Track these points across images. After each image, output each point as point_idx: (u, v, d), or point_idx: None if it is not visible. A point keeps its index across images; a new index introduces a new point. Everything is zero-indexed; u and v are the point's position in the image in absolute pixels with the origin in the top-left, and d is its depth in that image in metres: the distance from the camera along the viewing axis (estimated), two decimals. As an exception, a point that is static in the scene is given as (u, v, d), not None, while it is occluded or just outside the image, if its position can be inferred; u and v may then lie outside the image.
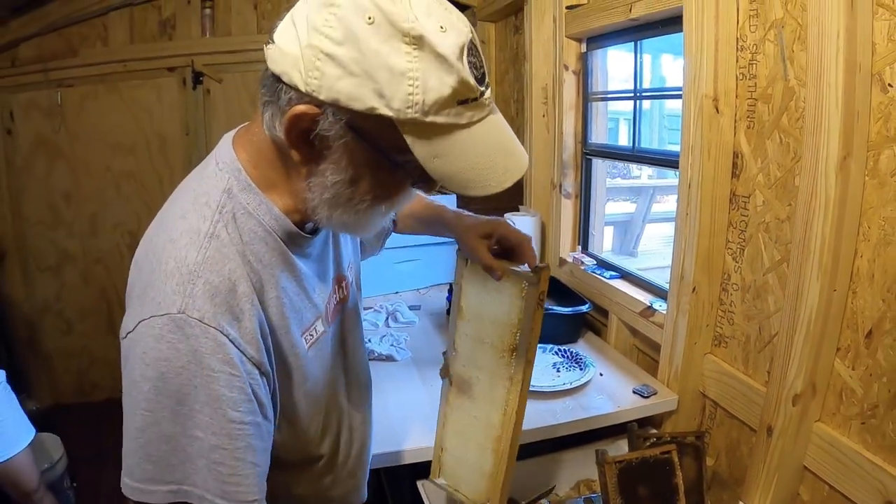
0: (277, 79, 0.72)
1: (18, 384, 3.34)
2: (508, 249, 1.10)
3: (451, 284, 2.48)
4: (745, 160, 1.48)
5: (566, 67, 2.23)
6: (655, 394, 1.64)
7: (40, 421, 2.87)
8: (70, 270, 3.56)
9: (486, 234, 1.10)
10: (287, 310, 0.86)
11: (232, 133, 0.87)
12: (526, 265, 1.07)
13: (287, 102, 0.72)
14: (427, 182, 0.80)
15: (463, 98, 0.70)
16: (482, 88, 0.72)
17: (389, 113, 0.68)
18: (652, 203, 4.31)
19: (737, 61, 1.49)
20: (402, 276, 2.59)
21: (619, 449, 1.58)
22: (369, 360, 1.85)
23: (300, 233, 0.86)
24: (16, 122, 3.43)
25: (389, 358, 1.90)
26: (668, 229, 4.66)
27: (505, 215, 2.34)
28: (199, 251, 0.75)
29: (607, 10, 1.90)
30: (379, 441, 1.44)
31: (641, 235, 4.07)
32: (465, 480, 1.21)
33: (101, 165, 3.46)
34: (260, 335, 0.79)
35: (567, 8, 2.15)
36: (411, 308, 2.33)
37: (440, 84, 0.68)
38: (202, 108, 3.52)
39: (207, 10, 3.44)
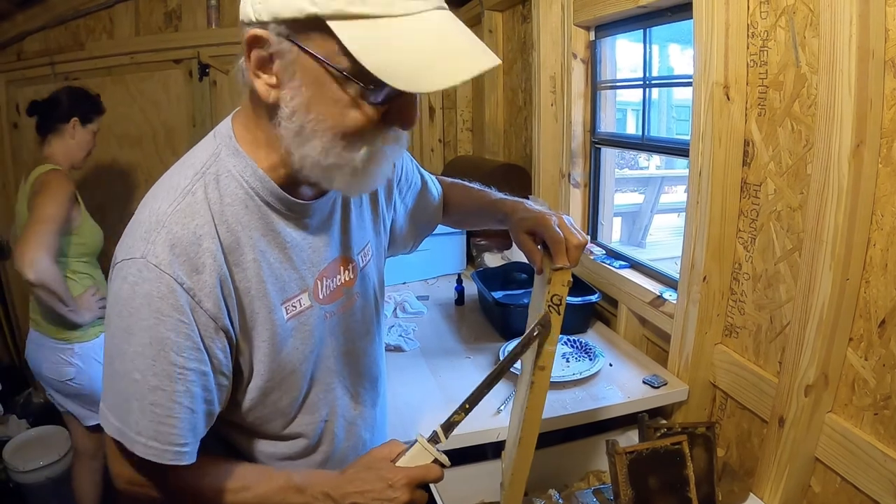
0: (243, 26, 0.77)
1: (26, 378, 3.37)
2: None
3: (459, 275, 2.49)
4: (757, 148, 1.47)
5: (574, 56, 2.21)
6: (666, 384, 1.63)
7: (48, 414, 2.89)
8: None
9: (531, 230, 1.11)
10: (265, 274, 0.88)
11: (237, 109, 0.91)
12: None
13: (245, 36, 0.76)
14: (397, 110, 0.79)
15: None
16: None
17: (315, 9, 0.69)
18: (660, 193, 4.31)
19: (747, 48, 1.47)
20: (410, 266, 2.58)
21: (630, 439, 1.57)
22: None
23: (289, 197, 0.88)
24: (22, 115, 3.41)
25: (398, 349, 1.90)
26: (677, 220, 4.70)
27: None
28: (171, 204, 0.80)
29: (616, -3, 1.88)
30: (387, 433, 1.44)
31: (650, 226, 4.08)
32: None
33: (108, 157, 3.46)
34: (221, 292, 0.82)
35: (575, -5, 2.13)
36: (419, 298, 2.34)
37: None
38: (209, 100, 3.52)
39: (213, 1, 3.44)
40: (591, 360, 1.75)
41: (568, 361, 1.77)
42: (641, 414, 1.33)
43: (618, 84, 2.18)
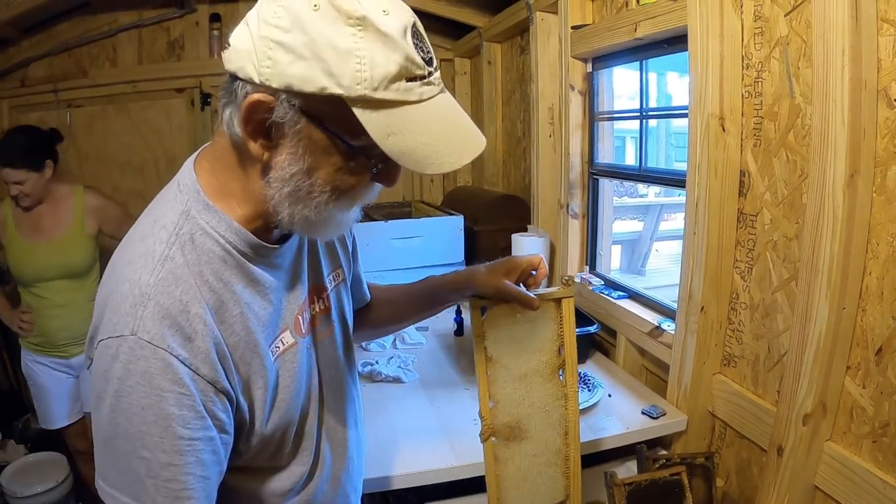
0: (234, 77, 0.76)
1: (24, 403, 3.35)
2: (523, 278, 1.13)
3: (458, 305, 2.48)
4: (752, 178, 1.48)
5: (572, 87, 2.24)
6: (664, 414, 1.62)
7: (46, 440, 2.87)
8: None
9: (507, 270, 1.12)
10: (252, 324, 0.86)
11: (195, 154, 0.90)
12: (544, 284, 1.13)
13: (244, 96, 0.75)
14: (386, 173, 0.82)
15: (411, 76, 0.73)
16: (430, 69, 0.75)
17: (339, 91, 0.70)
18: (660, 221, 4.29)
19: (742, 79, 1.49)
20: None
21: (629, 470, 1.56)
22: (376, 381, 1.88)
23: (264, 244, 0.87)
24: (25, 141, 3.46)
25: (397, 380, 1.89)
26: (676, 247, 4.66)
27: (513, 236, 2.35)
28: (153, 274, 0.77)
29: (612, 29, 1.91)
30: (385, 464, 1.44)
31: (649, 254, 4.06)
32: None
33: (109, 185, 3.46)
34: (216, 355, 0.80)
35: (572, 28, 2.16)
36: (418, 329, 2.32)
37: (387, 61, 0.71)
38: (210, 129, 3.54)
39: (216, 32, 3.49)
40: (590, 390, 1.74)
41: (566, 391, 1.76)
42: (640, 445, 1.33)
43: (615, 115, 2.20)
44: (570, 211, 2.31)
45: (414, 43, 0.73)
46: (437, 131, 0.76)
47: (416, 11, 0.77)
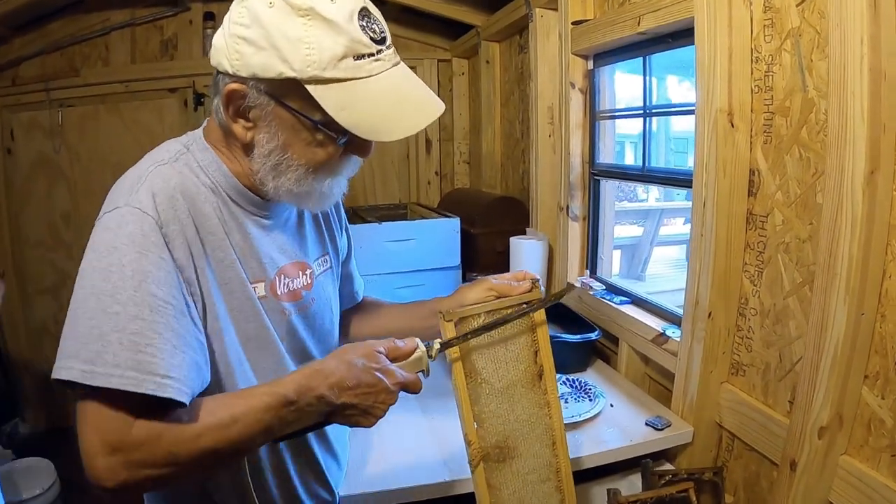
0: (217, 72, 0.89)
1: (13, 407, 3.28)
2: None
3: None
4: (763, 177, 1.41)
5: (573, 85, 2.17)
6: (669, 426, 1.54)
7: (33, 445, 2.81)
8: (69, 292, 3.46)
9: (486, 288, 1.15)
10: (233, 251, 0.95)
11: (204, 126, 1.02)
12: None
13: (223, 87, 0.88)
14: (357, 145, 0.93)
15: (358, 54, 0.84)
16: (380, 47, 0.86)
17: (293, 74, 0.82)
18: (660, 226, 4.30)
19: (752, 73, 1.42)
20: (403, 301, 2.48)
21: (632, 484, 1.48)
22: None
23: (250, 192, 0.97)
24: (16, 141, 3.41)
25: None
26: (676, 252, 4.68)
27: (511, 239, 2.27)
28: (154, 165, 0.90)
29: (614, 24, 1.84)
30: (373, 479, 1.37)
31: (649, 259, 4.05)
32: None
33: (101, 186, 3.34)
34: (188, 247, 0.88)
35: (573, 24, 2.09)
36: (412, 334, 2.24)
37: (333, 44, 0.82)
38: (204, 131, 3.48)
39: (209, 31, 3.42)
40: (590, 400, 1.66)
41: (566, 402, 1.67)
42: (646, 460, 1.25)
43: (617, 114, 2.13)
44: (570, 213, 2.24)
45: (361, 25, 0.84)
46: (388, 102, 0.87)
47: (413, 10, 0.86)
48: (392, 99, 0.87)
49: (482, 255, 2.56)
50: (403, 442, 1.52)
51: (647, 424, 1.55)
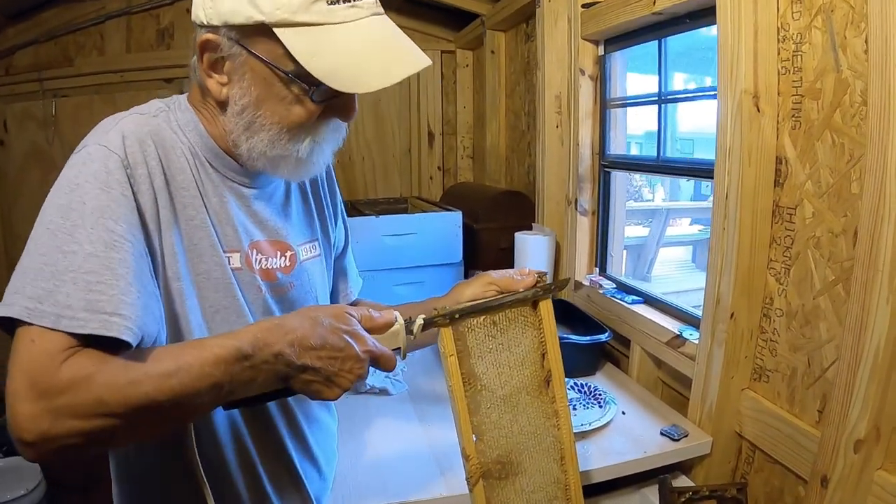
0: (196, 27, 0.86)
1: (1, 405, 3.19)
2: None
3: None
4: (791, 166, 1.29)
5: (582, 72, 2.05)
6: (686, 435, 1.42)
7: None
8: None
9: (486, 283, 1.05)
10: (207, 213, 0.89)
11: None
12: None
13: (198, 38, 0.85)
14: (338, 105, 0.88)
15: None
16: None
17: (262, 17, 0.79)
18: (666, 226, 4.25)
19: (778, 54, 1.31)
20: (401, 299, 2.37)
21: (645, 499, 1.37)
22: (360, 392, 1.68)
23: (227, 156, 0.92)
24: (9, 132, 3.33)
25: (384, 391, 1.69)
26: (682, 253, 4.63)
27: (516, 234, 2.16)
28: (132, 113, 0.87)
29: (628, 4, 1.72)
30: (365, 491, 1.26)
31: (655, 259, 4.00)
32: None
33: (95, 179, 3.30)
34: (154, 196, 0.83)
35: (583, 6, 1.98)
36: (411, 334, 2.11)
37: None
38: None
39: (206, 19, 3.31)
40: (601, 407, 1.54)
41: (574, 409, 1.54)
42: (663, 476, 1.13)
43: (629, 101, 2.01)
44: (578, 207, 2.11)
45: None
46: (362, 51, 0.82)
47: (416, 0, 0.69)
48: (369, 48, 0.82)
49: (485, 251, 2.44)
50: (397, 452, 1.40)
51: (662, 434, 1.43)
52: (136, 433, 0.74)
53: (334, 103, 0.87)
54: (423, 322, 0.90)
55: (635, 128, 2.09)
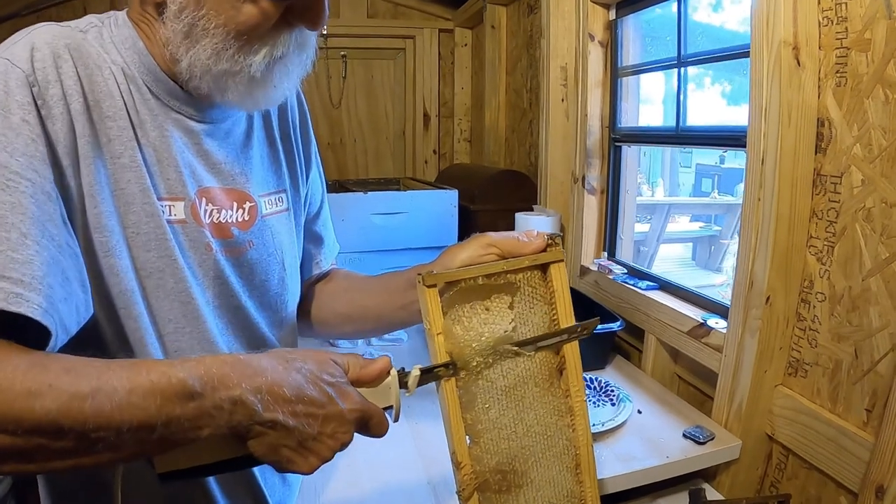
0: None
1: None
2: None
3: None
4: (835, 128, 1.12)
5: (591, 38, 1.87)
6: (713, 438, 1.24)
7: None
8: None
9: (484, 244, 0.84)
10: (140, 150, 0.73)
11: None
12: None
13: None
14: (301, 5, 0.72)
15: None
16: None
17: None
18: (667, 222, 4.20)
19: (819, 3, 1.14)
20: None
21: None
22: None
23: (170, 80, 0.76)
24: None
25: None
26: (681, 250, 4.59)
27: (516, 215, 1.99)
28: (50, 25, 0.70)
29: (644, -43, 1.55)
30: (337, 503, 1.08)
31: (656, 256, 3.97)
32: None
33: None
34: (71, 122, 0.67)
35: (593, -35, 1.81)
36: (399, 324, 1.93)
37: None
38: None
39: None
40: (613, 405, 1.36)
41: (583, 406, 1.38)
42: (696, 489, 0.96)
43: (644, 68, 1.83)
44: (586, 185, 1.93)
45: None
46: None
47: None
48: None
49: (482, 233, 2.26)
50: (377, 455, 1.21)
51: (685, 436, 1.25)
52: (31, 461, 0.53)
53: (296, 4, 0.71)
54: (419, 374, 0.72)
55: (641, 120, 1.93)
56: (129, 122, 0.73)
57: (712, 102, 3.57)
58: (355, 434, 0.68)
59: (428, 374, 0.72)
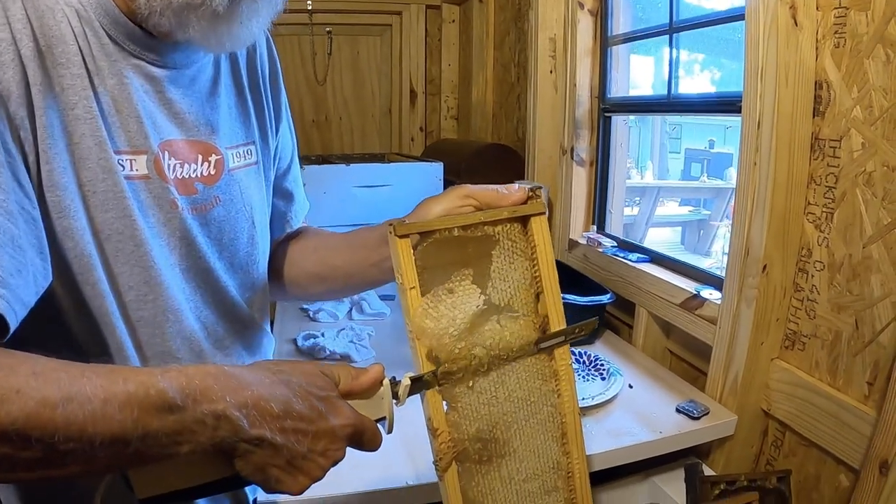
0: None
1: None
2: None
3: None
4: (834, 90, 1.08)
5: (581, 6, 1.82)
6: (707, 413, 1.20)
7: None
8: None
9: (462, 195, 0.81)
10: (96, 100, 0.67)
11: None
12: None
13: None
14: None
15: None
16: None
17: None
18: (656, 205, 4.19)
19: (816, -41, 1.09)
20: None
21: (654, 488, 1.16)
22: (318, 359, 1.45)
23: (130, 22, 0.70)
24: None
25: (346, 357, 1.46)
26: (670, 234, 4.59)
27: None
28: None
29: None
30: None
31: (644, 240, 3.89)
32: None
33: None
34: (22, 71, 0.61)
35: (583, -72, 1.75)
36: (383, 298, 1.86)
37: None
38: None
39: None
40: (603, 379, 1.32)
41: (572, 381, 1.33)
42: (692, 464, 0.91)
43: (634, 36, 1.77)
44: (574, 156, 1.88)
45: None
46: None
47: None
48: None
49: (469, 210, 2.21)
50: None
51: (678, 411, 1.21)
52: None
53: None
54: (409, 383, 0.67)
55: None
56: (84, 69, 0.67)
57: (702, 89, 3.55)
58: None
59: (418, 383, 0.67)
